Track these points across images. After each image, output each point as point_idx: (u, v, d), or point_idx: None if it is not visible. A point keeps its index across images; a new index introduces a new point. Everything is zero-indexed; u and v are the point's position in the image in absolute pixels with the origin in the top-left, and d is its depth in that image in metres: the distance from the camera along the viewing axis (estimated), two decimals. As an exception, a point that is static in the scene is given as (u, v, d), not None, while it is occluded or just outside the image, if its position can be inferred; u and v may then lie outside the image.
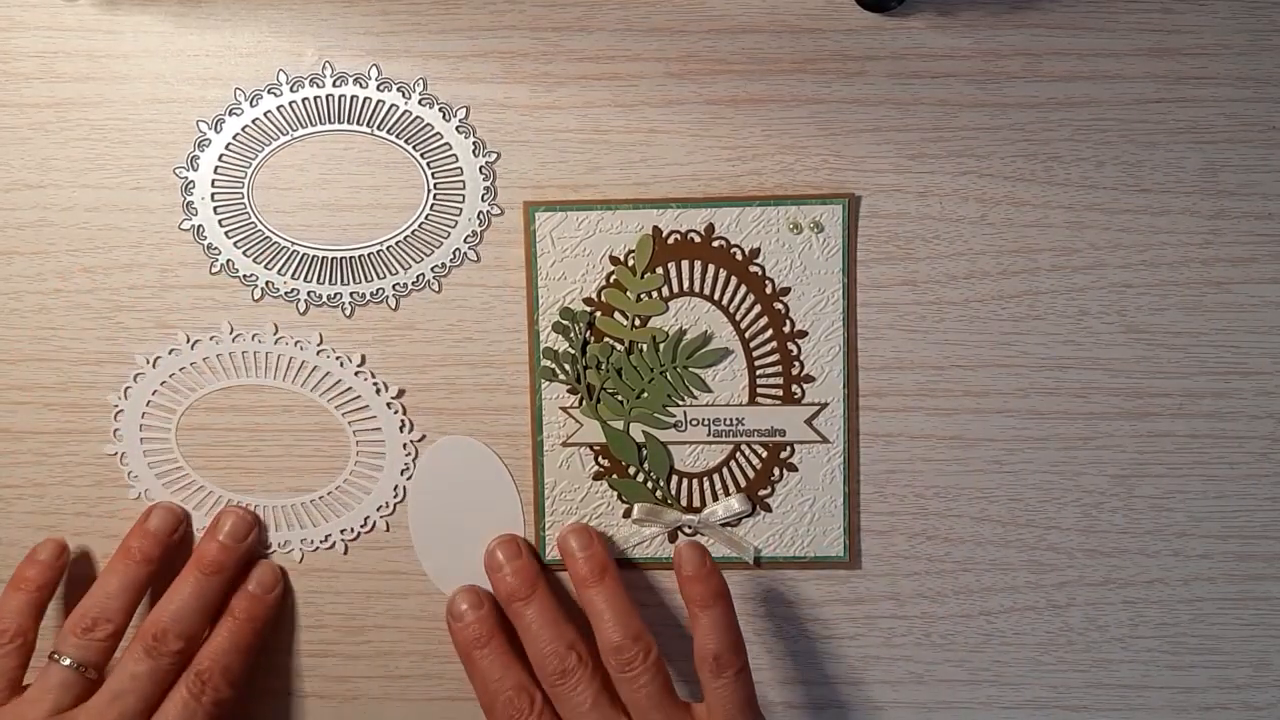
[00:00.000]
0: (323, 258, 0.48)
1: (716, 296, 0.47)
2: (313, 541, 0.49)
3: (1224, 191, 0.46)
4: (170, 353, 0.48)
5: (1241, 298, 0.47)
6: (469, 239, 0.47)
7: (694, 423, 0.48)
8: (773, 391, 0.48)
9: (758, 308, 0.47)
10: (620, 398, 0.48)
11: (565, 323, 0.48)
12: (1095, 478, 0.48)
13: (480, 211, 0.47)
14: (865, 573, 0.49)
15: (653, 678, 0.43)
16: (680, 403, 0.48)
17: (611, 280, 0.47)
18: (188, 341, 0.48)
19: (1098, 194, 0.46)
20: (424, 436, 0.49)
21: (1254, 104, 0.46)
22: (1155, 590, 0.49)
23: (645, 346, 0.48)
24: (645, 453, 0.48)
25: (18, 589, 0.46)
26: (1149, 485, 0.48)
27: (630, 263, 0.47)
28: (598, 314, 0.48)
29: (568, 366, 0.48)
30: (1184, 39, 0.46)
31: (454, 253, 0.48)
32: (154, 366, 0.48)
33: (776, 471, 0.48)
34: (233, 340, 0.48)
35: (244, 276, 0.48)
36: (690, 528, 0.49)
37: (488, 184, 0.47)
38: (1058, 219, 0.47)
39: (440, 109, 0.47)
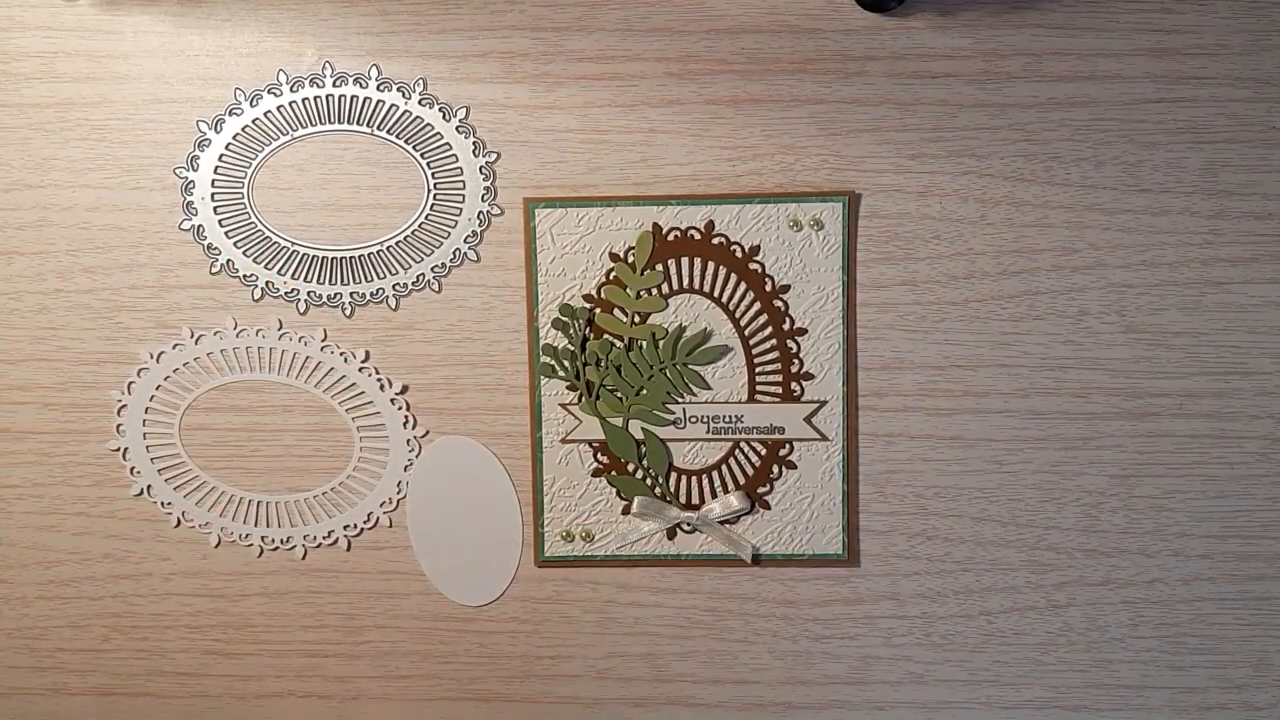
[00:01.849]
0: (323, 258, 0.48)
1: (716, 294, 0.47)
2: (315, 538, 0.49)
3: (1224, 191, 0.46)
4: (175, 348, 0.48)
5: (1241, 298, 0.47)
6: (469, 239, 0.48)
7: (693, 420, 0.48)
8: (772, 389, 0.48)
9: (757, 305, 0.47)
10: (619, 394, 0.48)
11: (565, 319, 0.48)
12: (1095, 478, 0.48)
13: (480, 211, 0.47)
14: (865, 573, 0.49)
15: None
16: (679, 400, 0.48)
17: (611, 277, 0.47)
18: (192, 336, 0.48)
19: (1098, 194, 0.46)
20: (427, 433, 0.49)
21: (1254, 104, 0.46)
22: (1155, 590, 0.48)
23: (645, 343, 0.48)
24: (644, 449, 0.48)
25: None
26: (1149, 485, 0.48)
27: (630, 259, 0.47)
28: (597, 310, 0.48)
29: (567, 363, 0.48)
30: (1184, 39, 0.46)
31: (454, 253, 0.48)
32: (158, 361, 0.48)
33: (775, 469, 0.48)
34: (237, 335, 0.48)
35: (244, 276, 0.48)
36: (689, 524, 0.49)
37: (488, 184, 0.47)
38: (1058, 219, 0.47)
39: (440, 109, 0.47)
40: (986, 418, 0.48)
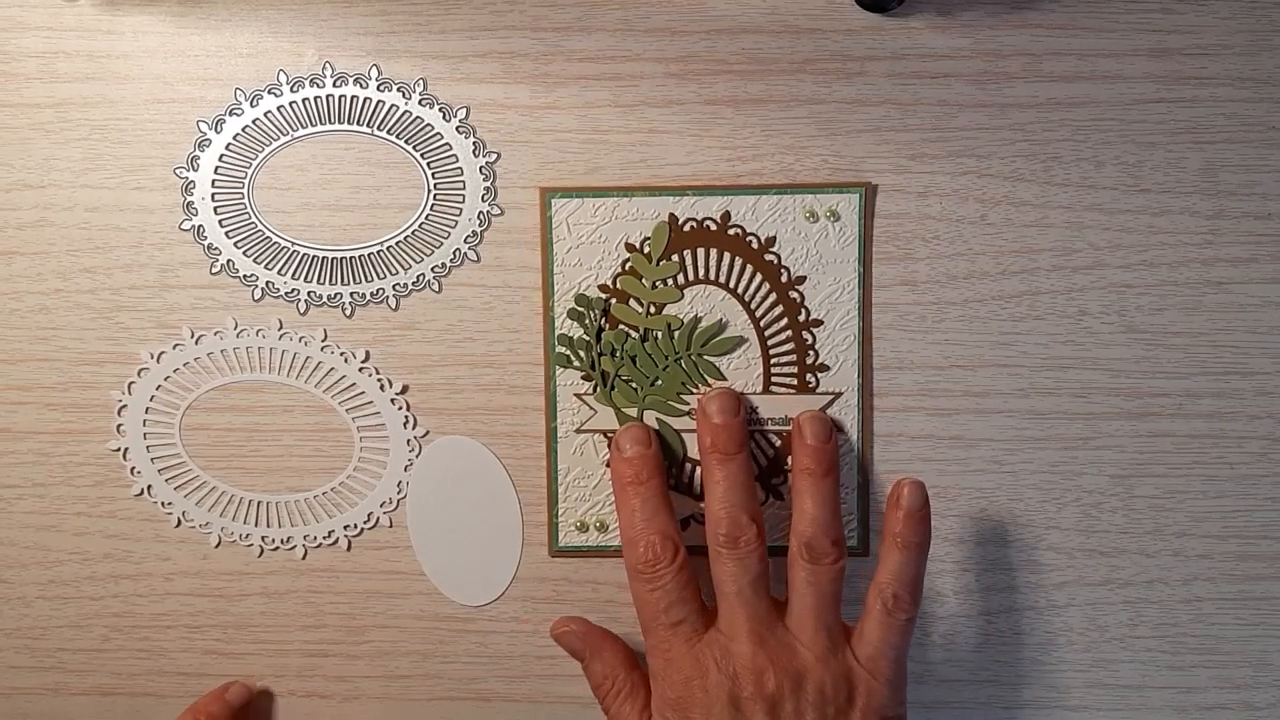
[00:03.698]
0: (323, 258, 0.48)
1: (732, 284, 0.47)
2: (316, 538, 0.49)
3: (1224, 191, 0.46)
4: (175, 348, 0.48)
5: (1241, 298, 0.47)
6: (469, 239, 0.48)
7: None
8: (787, 380, 0.48)
9: (773, 296, 0.47)
10: (634, 385, 0.48)
11: (580, 309, 0.48)
12: (1095, 478, 0.48)
13: (480, 211, 0.47)
14: (866, 573, 0.49)
15: (833, 580, 0.44)
16: (694, 390, 0.48)
17: (627, 267, 0.47)
18: (192, 336, 0.48)
19: (1098, 194, 0.46)
20: (427, 433, 0.49)
21: (1254, 104, 0.46)
22: (1155, 590, 0.49)
23: (660, 334, 0.48)
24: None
25: None
26: (1149, 485, 0.48)
27: (646, 250, 0.47)
28: (613, 300, 0.48)
29: (582, 353, 0.48)
30: (1184, 39, 0.46)
31: (454, 253, 0.48)
32: (158, 362, 0.48)
33: (790, 461, 0.48)
34: (237, 335, 0.48)
35: (244, 277, 0.48)
36: (703, 515, 0.48)
37: (488, 184, 0.47)
38: (1058, 219, 0.47)
39: (440, 109, 0.47)
40: (986, 418, 0.48)
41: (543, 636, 0.49)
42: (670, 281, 0.48)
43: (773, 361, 0.48)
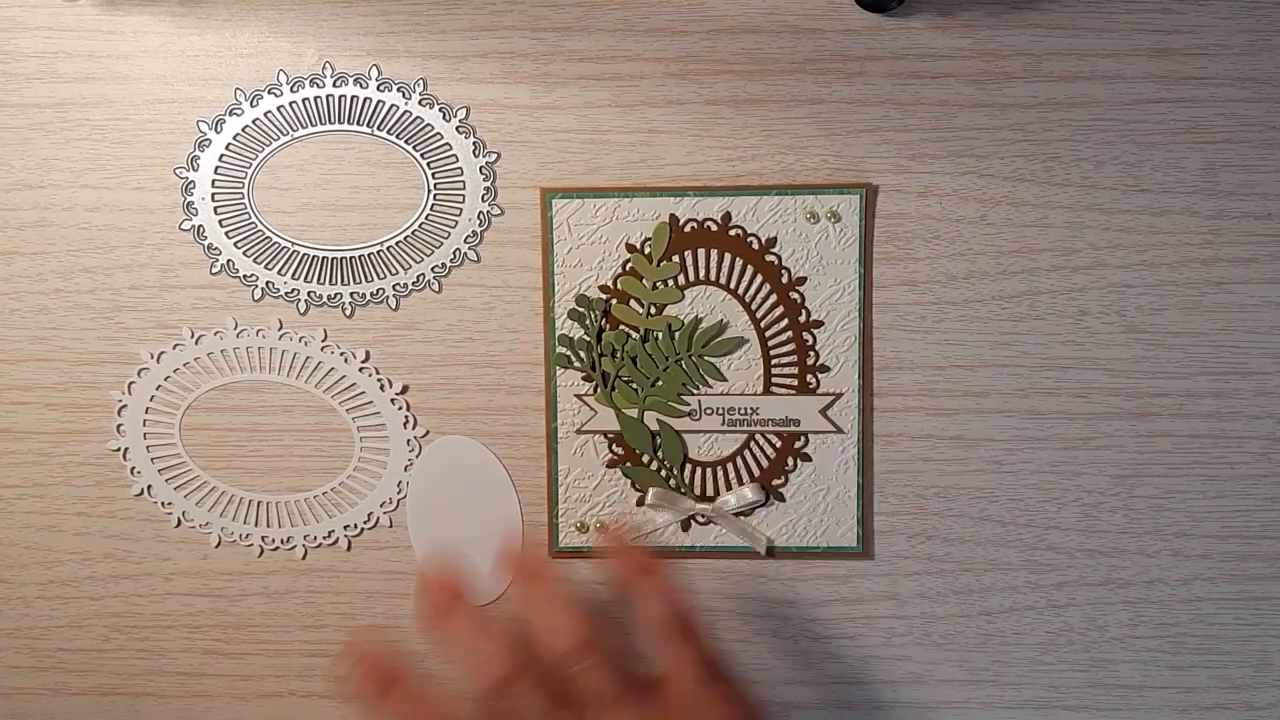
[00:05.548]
0: (323, 258, 0.48)
1: (732, 285, 0.47)
2: (316, 538, 0.49)
3: (1224, 191, 0.46)
4: (175, 348, 0.48)
5: (1241, 298, 0.47)
6: (469, 239, 0.48)
7: (708, 411, 0.48)
8: (788, 381, 0.48)
9: (773, 297, 0.47)
10: (635, 385, 0.48)
11: (581, 309, 0.47)
12: (1095, 478, 0.48)
13: (480, 211, 0.47)
14: (865, 572, 0.49)
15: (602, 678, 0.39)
16: (695, 391, 0.48)
17: (628, 268, 0.47)
18: (192, 336, 0.48)
19: (1098, 194, 0.46)
20: (427, 433, 0.49)
21: (1254, 104, 0.46)
22: (1155, 590, 0.48)
23: (660, 334, 0.48)
24: (659, 441, 0.48)
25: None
26: (1149, 485, 0.48)
27: (647, 250, 0.47)
28: (613, 301, 0.48)
29: (583, 353, 0.48)
30: (1184, 39, 0.46)
31: (454, 253, 0.48)
32: (158, 362, 0.48)
33: (790, 461, 0.48)
34: (237, 335, 0.48)
35: (244, 277, 0.48)
36: (704, 516, 0.49)
37: (488, 184, 0.47)
38: (1058, 219, 0.47)
39: (440, 109, 0.47)
40: (986, 418, 0.48)
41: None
42: (671, 282, 0.47)
43: (773, 362, 0.48)
